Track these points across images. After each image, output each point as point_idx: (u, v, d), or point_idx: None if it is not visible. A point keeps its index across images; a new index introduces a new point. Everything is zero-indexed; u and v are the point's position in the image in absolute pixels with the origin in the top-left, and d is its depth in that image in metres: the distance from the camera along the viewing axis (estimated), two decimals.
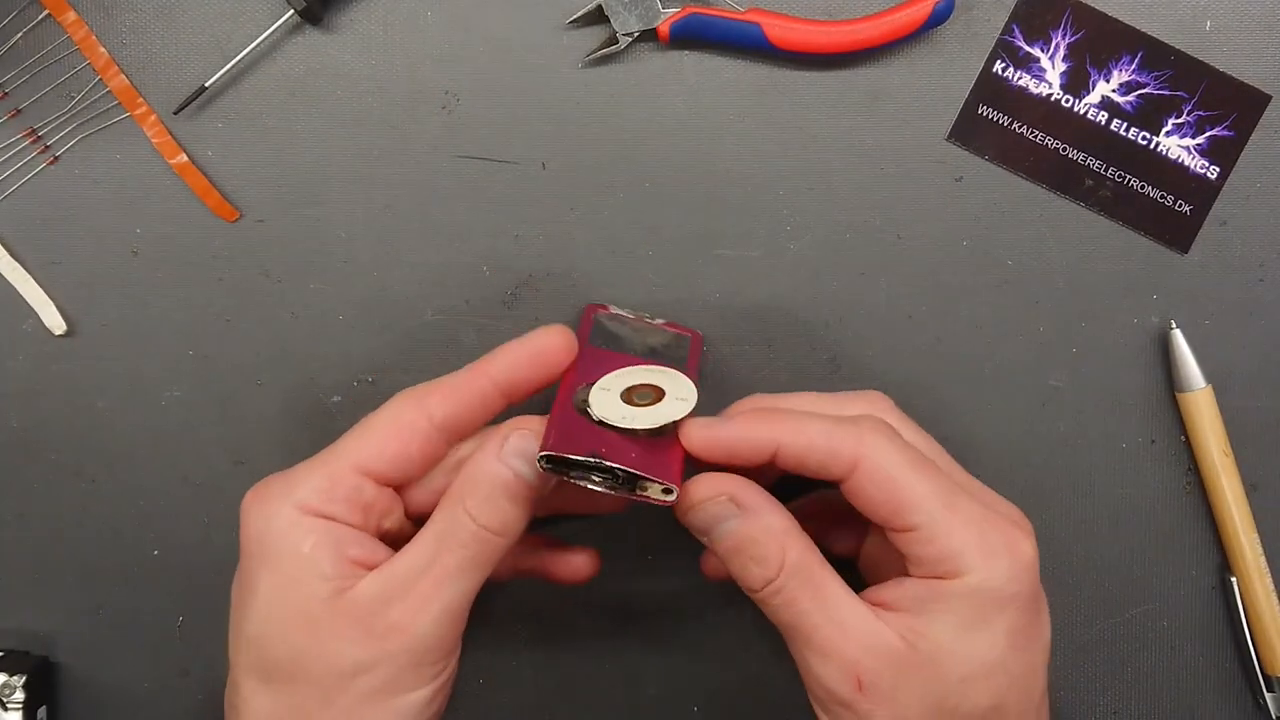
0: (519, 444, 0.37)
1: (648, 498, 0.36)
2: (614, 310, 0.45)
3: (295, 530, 0.36)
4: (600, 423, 0.37)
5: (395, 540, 0.39)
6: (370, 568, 0.37)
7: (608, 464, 0.35)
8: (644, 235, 0.47)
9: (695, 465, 0.38)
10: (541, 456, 0.35)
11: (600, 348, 0.42)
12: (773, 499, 0.38)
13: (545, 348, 0.40)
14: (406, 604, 0.36)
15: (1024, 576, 0.36)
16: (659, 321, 0.46)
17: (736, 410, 0.40)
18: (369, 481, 0.38)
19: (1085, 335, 0.48)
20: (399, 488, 0.39)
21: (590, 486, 0.36)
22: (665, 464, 0.37)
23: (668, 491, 0.36)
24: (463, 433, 0.39)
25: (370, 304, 0.48)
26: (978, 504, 0.37)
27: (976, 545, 0.35)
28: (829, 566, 0.37)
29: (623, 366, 0.40)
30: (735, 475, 0.38)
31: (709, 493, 0.37)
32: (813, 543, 0.37)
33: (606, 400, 0.38)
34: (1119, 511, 0.48)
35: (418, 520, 0.39)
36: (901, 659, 0.35)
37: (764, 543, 0.37)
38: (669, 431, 0.38)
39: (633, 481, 0.36)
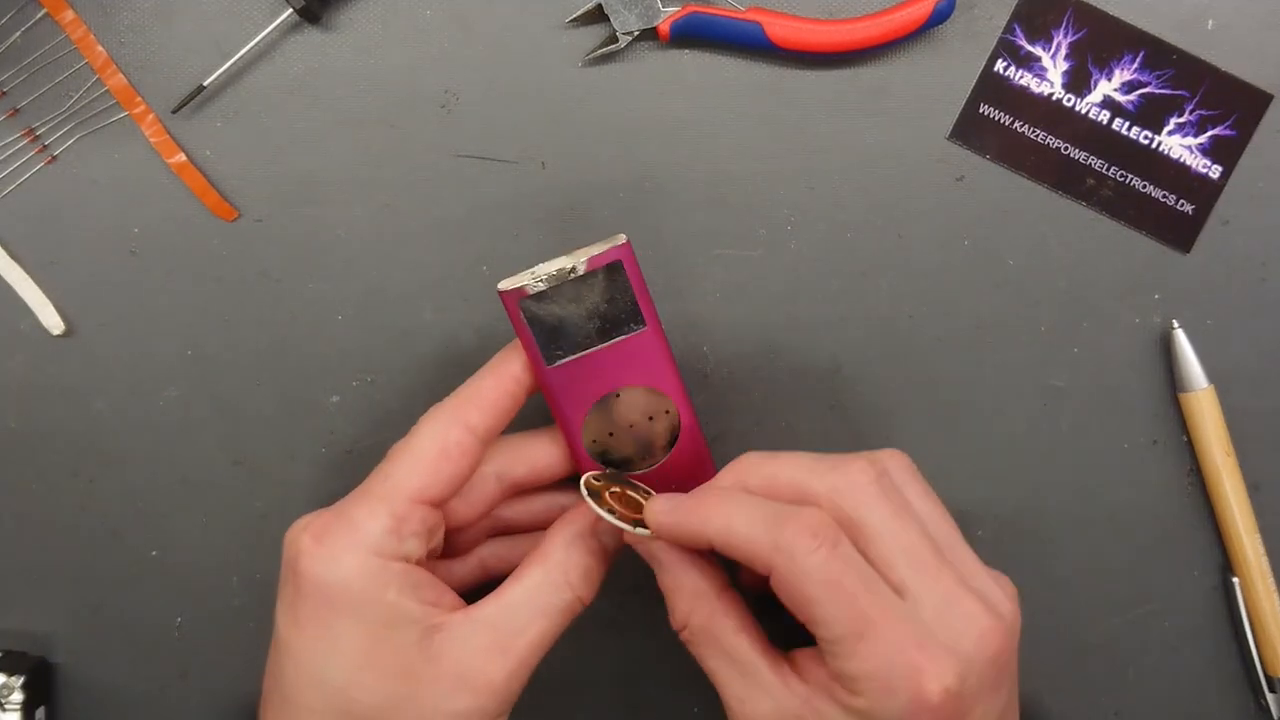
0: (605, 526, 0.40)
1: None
2: (531, 285, 0.39)
3: (376, 578, 0.36)
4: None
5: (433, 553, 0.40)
6: (440, 606, 0.37)
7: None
8: (644, 235, 0.47)
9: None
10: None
11: (560, 363, 0.40)
12: (687, 558, 0.39)
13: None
14: (506, 663, 0.37)
15: (921, 716, 0.34)
16: (582, 259, 0.39)
17: (722, 473, 0.40)
18: (428, 508, 0.38)
19: (1086, 335, 0.48)
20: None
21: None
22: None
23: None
24: (495, 435, 0.40)
25: (370, 304, 0.47)
26: (901, 630, 0.34)
27: (878, 677, 0.34)
28: (745, 631, 0.38)
29: (594, 381, 0.40)
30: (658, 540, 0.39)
31: (637, 542, 0.40)
32: (735, 604, 0.38)
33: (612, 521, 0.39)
34: (1120, 511, 0.48)
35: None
36: None
37: (673, 598, 0.39)
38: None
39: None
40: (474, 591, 0.41)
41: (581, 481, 0.40)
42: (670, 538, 0.38)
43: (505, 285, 0.39)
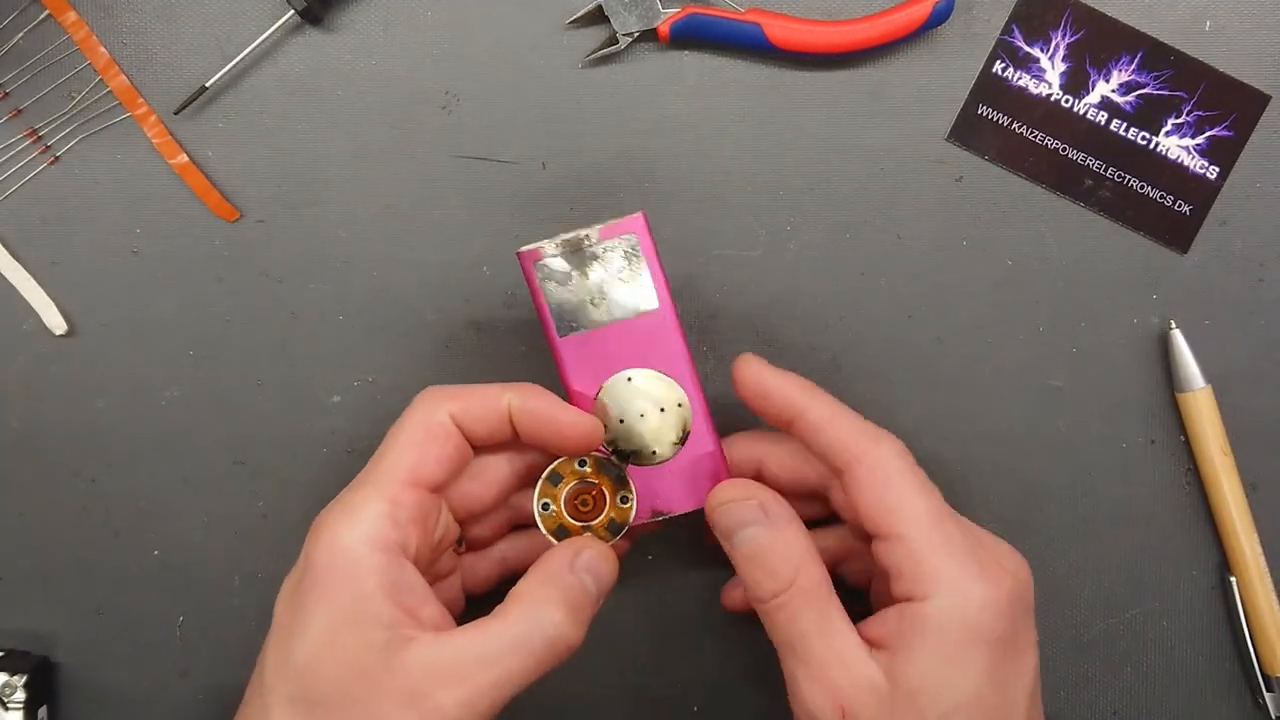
0: (590, 560, 0.39)
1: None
2: (547, 249, 0.41)
3: (359, 565, 0.36)
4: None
5: (438, 550, 0.40)
6: (417, 617, 0.36)
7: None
8: None
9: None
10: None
11: (572, 335, 0.41)
12: (798, 518, 0.39)
13: (575, 435, 0.39)
14: (461, 692, 0.35)
15: (1000, 608, 0.36)
16: (597, 230, 0.40)
17: (786, 390, 0.41)
18: (423, 492, 0.38)
19: (1085, 335, 0.48)
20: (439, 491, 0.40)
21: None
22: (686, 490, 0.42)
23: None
24: (482, 427, 0.39)
25: (370, 304, 0.48)
26: (969, 536, 0.38)
27: (954, 569, 0.36)
28: (836, 597, 0.38)
29: (606, 358, 0.41)
30: (768, 487, 0.39)
31: (740, 494, 0.39)
32: (826, 571, 0.38)
33: (550, 516, 0.41)
34: (1119, 511, 0.48)
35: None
36: (884, 695, 0.36)
37: (781, 555, 0.38)
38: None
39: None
40: (494, 592, 0.41)
41: (549, 469, 0.40)
42: (753, 401, 0.40)
43: (524, 248, 0.40)
